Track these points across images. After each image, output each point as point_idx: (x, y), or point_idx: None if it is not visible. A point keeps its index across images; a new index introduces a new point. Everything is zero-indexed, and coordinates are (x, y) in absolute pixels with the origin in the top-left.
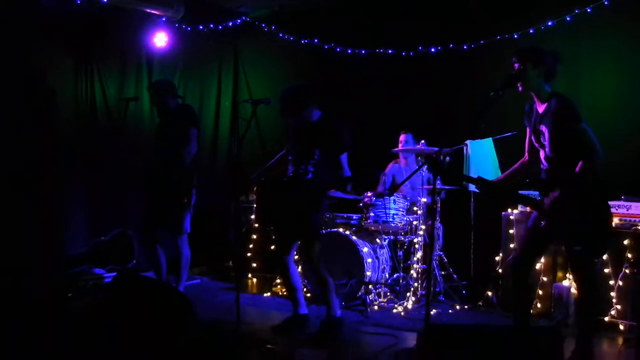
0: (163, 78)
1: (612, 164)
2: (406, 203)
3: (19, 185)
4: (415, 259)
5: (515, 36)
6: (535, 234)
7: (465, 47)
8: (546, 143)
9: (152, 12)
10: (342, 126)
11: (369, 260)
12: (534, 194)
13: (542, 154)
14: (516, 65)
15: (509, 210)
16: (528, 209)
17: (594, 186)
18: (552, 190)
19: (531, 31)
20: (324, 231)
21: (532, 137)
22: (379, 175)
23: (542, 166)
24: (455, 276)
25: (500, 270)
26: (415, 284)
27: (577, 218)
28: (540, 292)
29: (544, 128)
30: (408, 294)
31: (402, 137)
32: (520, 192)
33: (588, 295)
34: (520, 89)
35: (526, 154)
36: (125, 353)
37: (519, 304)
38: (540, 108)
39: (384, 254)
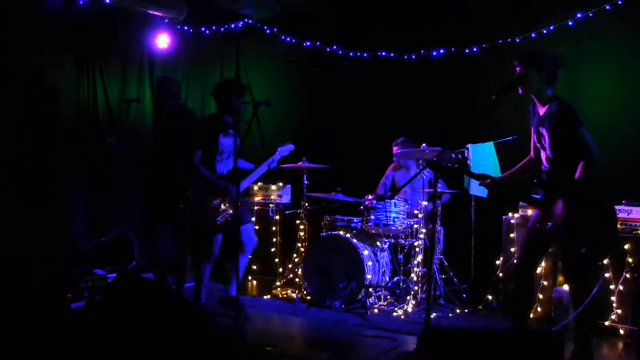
0: (170, 77)
1: (613, 168)
2: (407, 206)
3: (20, 186)
4: (415, 262)
5: (517, 40)
6: (537, 235)
7: (467, 50)
8: (546, 145)
9: (155, 13)
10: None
11: (369, 263)
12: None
13: (542, 155)
14: (518, 69)
15: (510, 214)
16: (529, 211)
17: (598, 190)
18: (556, 192)
19: (533, 35)
20: (324, 234)
21: (534, 138)
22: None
23: (542, 167)
24: (455, 280)
25: (500, 274)
26: (416, 288)
27: (583, 221)
28: (541, 296)
29: (543, 131)
30: (408, 297)
31: (394, 150)
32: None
33: (583, 298)
34: (520, 91)
35: (532, 152)
36: (124, 354)
37: (519, 306)
38: (541, 110)
39: (385, 257)
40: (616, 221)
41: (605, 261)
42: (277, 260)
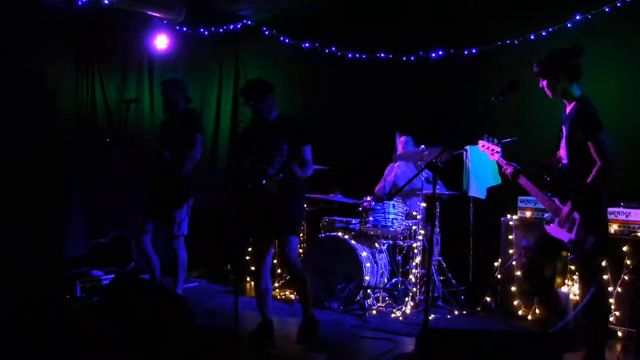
0: (177, 77)
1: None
2: (405, 208)
3: (19, 186)
4: (414, 263)
5: (516, 42)
6: (548, 239)
7: (466, 52)
8: (563, 144)
9: (154, 14)
10: (300, 122)
11: (368, 264)
12: None
13: (560, 152)
14: (540, 79)
15: (508, 216)
16: (528, 213)
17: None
18: (566, 195)
19: (532, 37)
20: (323, 235)
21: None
22: None
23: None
24: (453, 281)
25: (499, 276)
26: (414, 289)
27: (578, 224)
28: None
29: (565, 129)
30: (406, 298)
31: (402, 139)
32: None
33: (599, 300)
34: (550, 96)
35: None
36: (123, 356)
37: (548, 304)
38: (568, 109)
39: (383, 258)
40: (605, 224)
41: (604, 263)
42: (275, 261)
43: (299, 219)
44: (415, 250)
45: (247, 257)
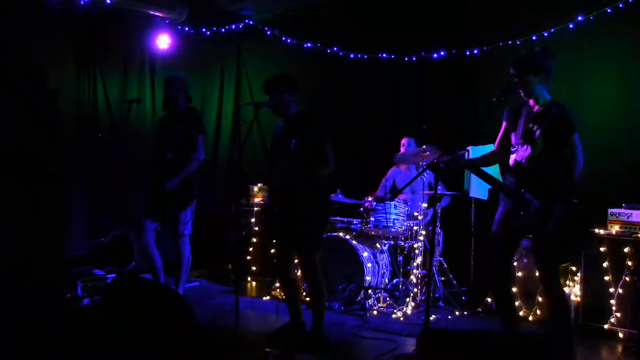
0: (181, 76)
1: (612, 171)
2: (407, 208)
3: (19, 186)
4: (415, 264)
5: (518, 42)
6: (508, 234)
7: (467, 53)
8: (533, 140)
9: (156, 14)
10: (320, 119)
11: (369, 265)
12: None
13: (521, 151)
14: (516, 79)
15: None
16: None
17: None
18: (541, 192)
19: (534, 38)
20: (324, 235)
21: (514, 134)
22: None
23: (511, 162)
24: (454, 282)
25: None
26: (415, 290)
27: (546, 224)
28: (540, 299)
29: (535, 127)
30: (407, 299)
31: (404, 141)
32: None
33: (554, 303)
34: (524, 96)
35: (496, 147)
36: (123, 355)
37: (506, 309)
38: (536, 108)
39: (384, 259)
40: (574, 227)
41: (605, 264)
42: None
43: (322, 229)
44: (417, 251)
45: (248, 257)
